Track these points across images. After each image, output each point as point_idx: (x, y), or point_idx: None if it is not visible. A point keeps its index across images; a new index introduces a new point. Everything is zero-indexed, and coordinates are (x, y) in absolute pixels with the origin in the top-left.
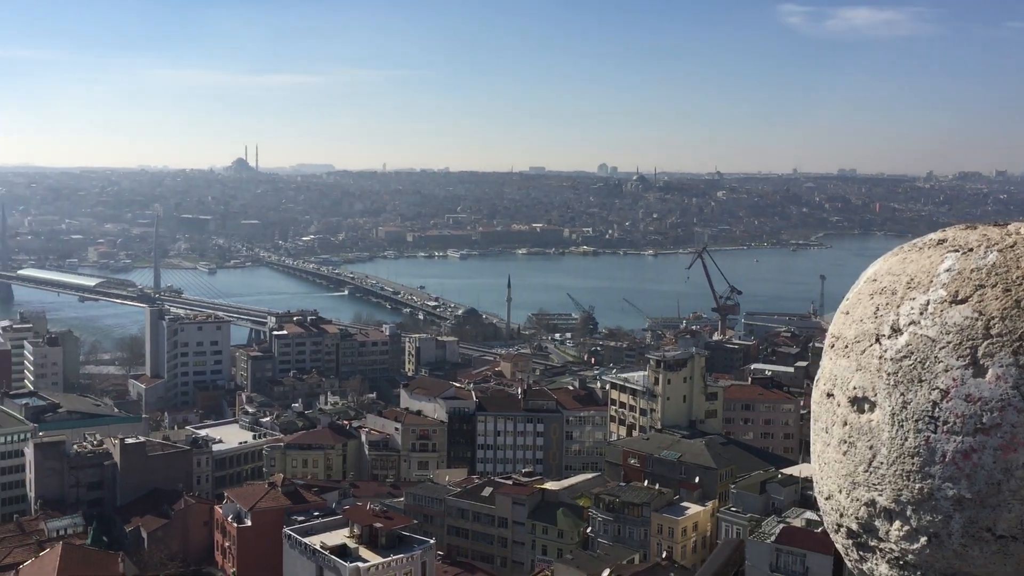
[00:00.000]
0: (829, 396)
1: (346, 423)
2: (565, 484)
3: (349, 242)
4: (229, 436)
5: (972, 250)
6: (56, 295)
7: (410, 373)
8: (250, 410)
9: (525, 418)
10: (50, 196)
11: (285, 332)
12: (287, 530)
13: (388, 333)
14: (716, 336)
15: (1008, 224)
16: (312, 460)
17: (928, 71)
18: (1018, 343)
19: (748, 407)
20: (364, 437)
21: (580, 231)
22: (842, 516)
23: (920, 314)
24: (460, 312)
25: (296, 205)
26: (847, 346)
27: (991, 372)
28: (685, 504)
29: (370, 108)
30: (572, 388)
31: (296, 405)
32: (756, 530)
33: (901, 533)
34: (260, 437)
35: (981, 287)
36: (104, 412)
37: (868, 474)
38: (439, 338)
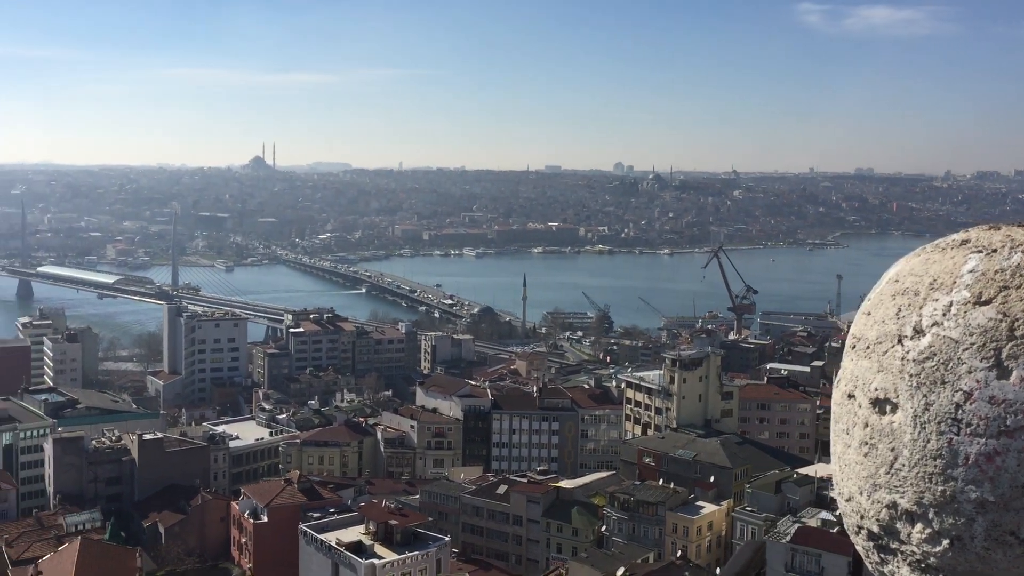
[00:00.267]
0: (850, 397)
1: (362, 420)
2: (580, 483)
3: (365, 240)
4: (246, 433)
5: (996, 251)
6: (75, 292)
7: (426, 371)
8: (267, 407)
9: (540, 416)
10: (69, 194)
11: (302, 330)
12: (303, 526)
13: (404, 331)
14: (732, 335)
15: None
16: (328, 457)
17: (946, 70)
18: None
19: (764, 407)
20: (380, 434)
21: (596, 230)
22: (863, 518)
23: (943, 315)
24: (476, 310)
25: (313, 203)
26: (869, 347)
27: (1015, 374)
28: (700, 503)
29: (387, 107)
30: (587, 387)
31: (312, 402)
32: (771, 530)
33: (923, 536)
34: (276, 434)
35: (1005, 288)
36: (122, 408)
37: (890, 476)
38: (455, 336)
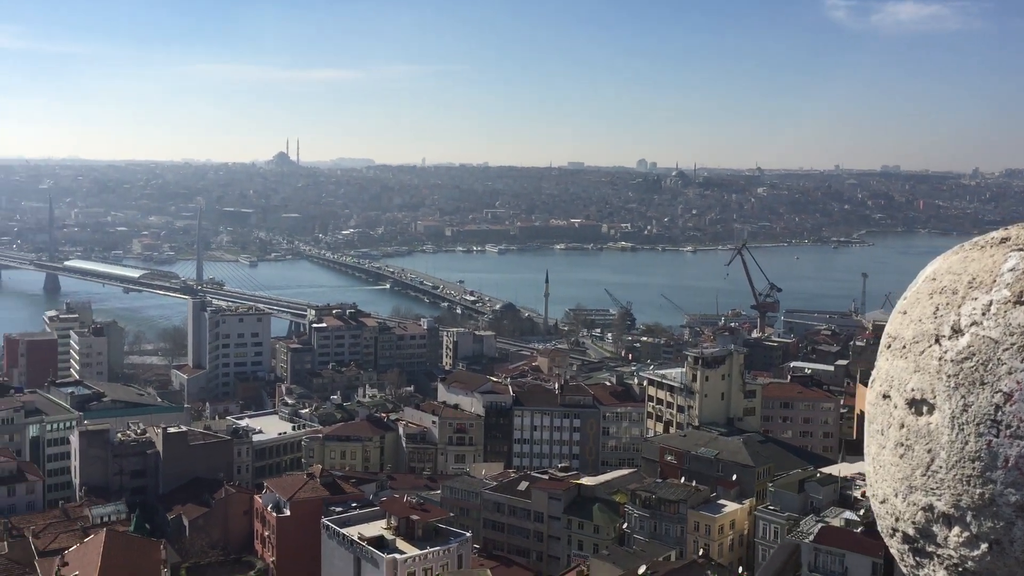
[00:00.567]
0: (885, 398)
1: (384, 416)
2: (601, 480)
3: (388, 236)
4: (269, 427)
5: None
6: (101, 286)
7: (447, 367)
8: (289, 401)
9: (562, 413)
10: (96, 189)
11: (324, 325)
12: (325, 521)
13: (426, 327)
14: (755, 334)
15: None
16: (350, 452)
17: (974, 66)
18: None
19: (787, 405)
20: (402, 430)
21: (618, 227)
22: (897, 520)
23: (982, 315)
24: (498, 307)
25: (336, 199)
26: (905, 347)
27: None
28: (722, 502)
29: (410, 103)
30: (609, 384)
31: (335, 397)
32: (794, 529)
33: (960, 539)
34: (299, 428)
35: None
36: (147, 401)
37: (926, 478)
38: (477, 332)
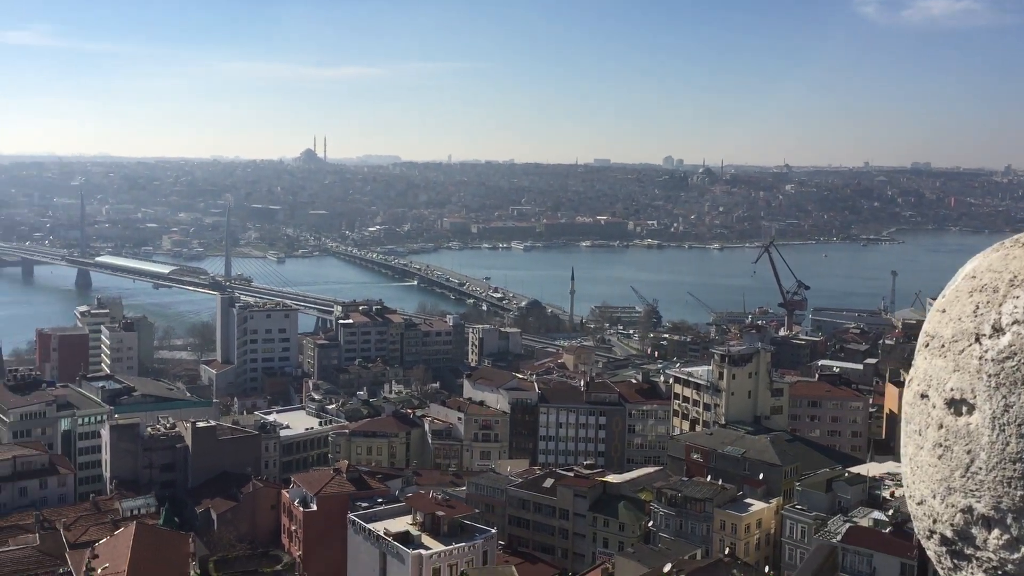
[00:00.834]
0: (923, 397)
1: (410, 412)
2: (627, 477)
3: (414, 233)
4: (296, 422)
5: None
6: (132, 282)
7: (473, 363)
8: (316, 397)
9: (587, 410)
10: (127, 185)
11: (351, 321)
12: (351, 516)
13: (452, 323)
14: (783, 332)
15: None
16: (376, 447)
17: (1006, 62)
18: None
19: (815, 404)
20: (427, 426)
21: (645, 224)
22: (935, 522)
23: None
24: (523, 304)
25: (363, 196)
26: (944, 345)
27: None
28: (749, 501)
29: (436, 100)
30: (635, 381)
31: (361, 393)
32: (821, 529)
33: (1000, 542)
34: (326, 424)
35: None
36: (176, 396)
37: (965, 479)
38: (502, 329)
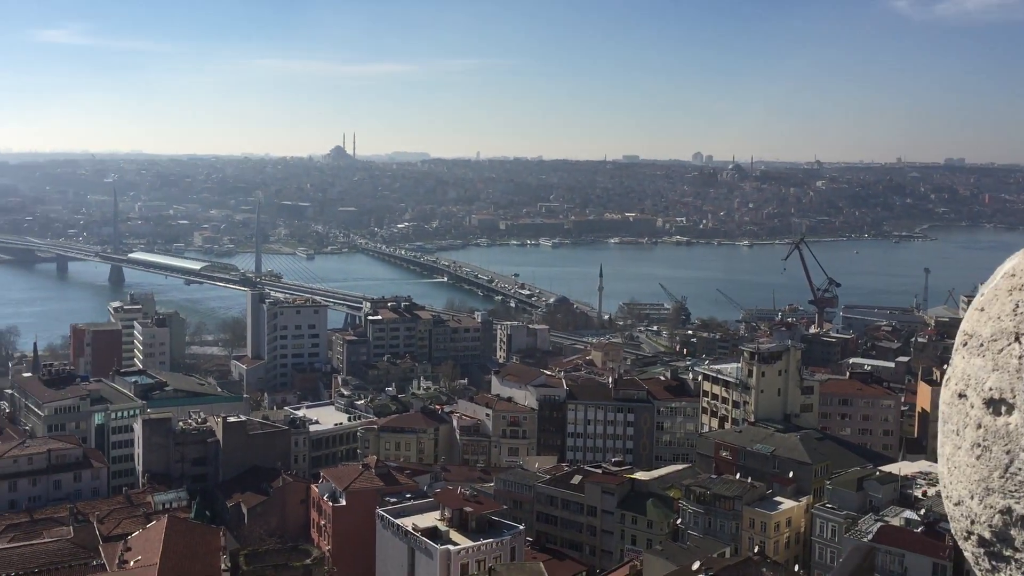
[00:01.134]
0: (961, 397)
1: (438, 408)
2: (655, 475)
3: (443, 229)
4: (325, 417)
5: None
6: (164, 278)
7: (501, 360)
8: (345, 393)
9: (615, 407)
10: (159, 183)
11: (380, 317)
12: (380, 511)
13: (480, 320)
14: (813, 329)
15: None
16: (404, 443)
17: None
18: None
19: (846, 402)
20: (455, 422)
21: (674, 221)
22: (973, 523)
23: None
24: (552, 300)
25: (391, 193)
26: (982, 344)
27: None
28: (778, 499)
29: (465, 96)
30: (663, 378)
31: (390, 389)
32: (852, 528)
33: None
34: (355, 419)
35: None
36: (208, 391)
37: (1004, 480)
38: (530, 326)
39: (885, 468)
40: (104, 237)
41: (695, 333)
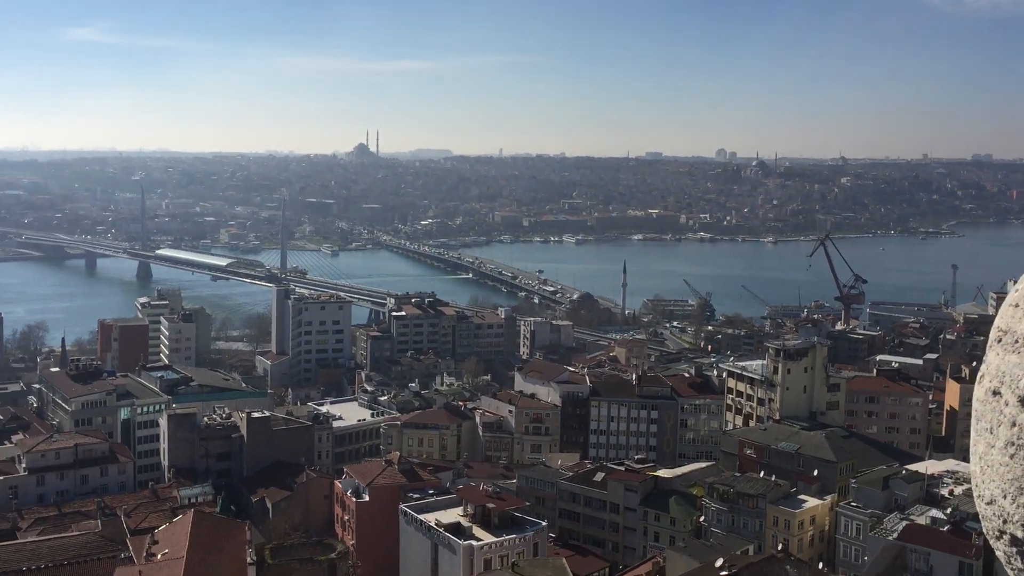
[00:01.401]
0: (995, 394)
1: (461, 404)
2: (678, 472)
3: (466, 226)
4: (348, 413)
5: None
6: (190, 274)
7: (524, 356)
8: (369, 388)
9: (639, 404)
10: (185, 180)
11: (404, 313)
12: (403, 507)
13: (504, 316)
14: (839, 326)
15: None
16: (427, 439)
17: None
18: None
19: (872, 400)
20: (478, 418)
21: (697, 217)
22: (1006, 523)
23: None
24: (575, 297)
25: (415, 190)
26: (1017, 341)
27: None
28: (802, 497)
29: (487, 94)
30: (688, 375)
31: (413, 385)
32: (877, 526)
33: None
34: (378, 415)
35: None
36: (233, 386)
37: None
38: (554, 322)
39: (912, 467)
40: (132, 234)
41: (720, 329)
